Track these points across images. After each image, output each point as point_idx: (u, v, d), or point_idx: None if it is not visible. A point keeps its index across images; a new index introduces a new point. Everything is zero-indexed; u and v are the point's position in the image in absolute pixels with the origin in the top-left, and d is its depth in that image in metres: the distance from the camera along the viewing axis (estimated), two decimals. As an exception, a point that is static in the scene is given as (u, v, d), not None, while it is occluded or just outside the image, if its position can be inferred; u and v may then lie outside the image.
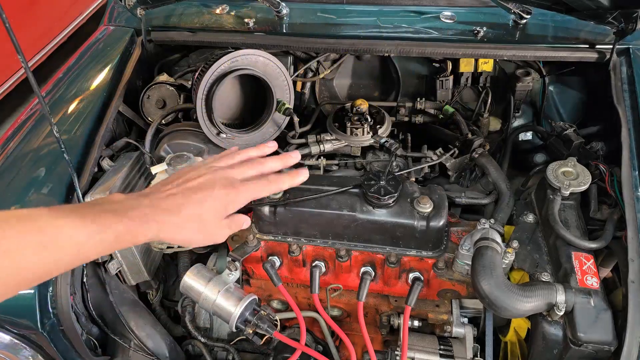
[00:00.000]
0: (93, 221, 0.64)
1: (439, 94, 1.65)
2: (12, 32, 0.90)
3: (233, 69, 1.31)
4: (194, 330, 1.31)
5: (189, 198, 0.75)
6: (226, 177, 0.80)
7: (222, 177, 0.79)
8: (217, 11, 1.70)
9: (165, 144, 1.42)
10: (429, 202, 1.15)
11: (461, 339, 1.18)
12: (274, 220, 1.21)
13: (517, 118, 1.70)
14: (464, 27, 1.55)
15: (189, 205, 0.74)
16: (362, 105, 1.48)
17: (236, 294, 1.10)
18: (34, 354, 1.11)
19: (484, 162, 1.37)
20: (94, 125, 1.35)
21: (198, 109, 1.31)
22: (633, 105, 1.27)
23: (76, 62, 1.61)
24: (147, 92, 1.57)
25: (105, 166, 1.32)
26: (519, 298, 0.99)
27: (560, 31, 1.51)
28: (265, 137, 1.47)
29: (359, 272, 1.21)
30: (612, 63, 1.40)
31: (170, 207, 0.73)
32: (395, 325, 1.26)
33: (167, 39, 1.64)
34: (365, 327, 1.11)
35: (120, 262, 1.25)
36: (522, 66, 1.64)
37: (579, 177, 1.18)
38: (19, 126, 1.38)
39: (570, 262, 1.08)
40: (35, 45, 3.90)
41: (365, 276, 1.18)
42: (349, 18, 1.62)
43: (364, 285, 1.16)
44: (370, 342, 1.09)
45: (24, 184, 1.20)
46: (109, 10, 1.82)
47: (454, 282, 1.19)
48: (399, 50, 1.48)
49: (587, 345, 0.97)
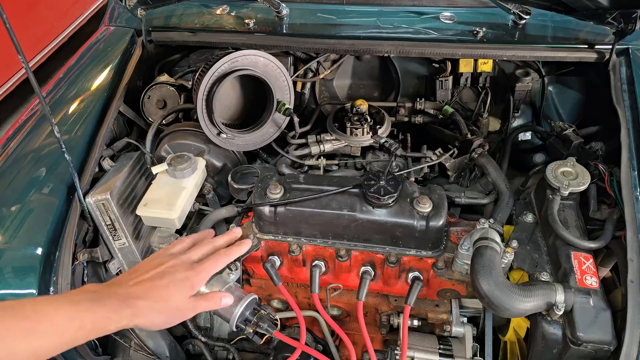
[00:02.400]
0: (72, 309, 0.74)
1: (438, 94, 1.65)
2: (12, 32, 0.91)
3: (233, 70, 1.31)
4: (194, 329, 1.32)
5: (156, 284, 0.86)
6: (184, 261, 0.92)
7: (182, 262, 0.92)
8: (217, 12, 1.70)
9: (165, 144, 1.42)
10: (428, 202, 1.15)
11: (461, 338, 1.18)
12: (274, 220, 1.21)
13: (517, 118, 1.71)
14: (464, 28, 1.55)
15: (157, 291, 0.85)
16: (362, 106, 1.48)
17: (236, 293, 1.10)
18: (34, 354, 1.12)
19: (483, 162, 1.37)
20: (95, 126, 1.35)
21: (198, 109, 1.31)
22: (632, 105, 1.28)
23: (77, 63, 1.61)
24: (147, 92, 1.57)
25: (106, 166, 1.32)
26: (518, 298, 0.99)
27: (560, 31, 1.51)
28: (266, 137, 1.48)
29: (358, 271, 1.21)
30: (612, 63, 1.40)
31: (141, 294, 0.83)
32: (395, 325, 1.26)
33: (168, 40, 1.64)
34: (365, 326, 1.11)
35: (120, 262, 1.25)
36: (522, 66, 1.64)
37: (579, 177, 1.18)
38: (20, 126, 1.38)
39: (570, 262, 1.08)
40: (36, 46, 3.90)
41: (365, 276, 1.18)
42: (348, 18, 1.62)
43: (364, 285, 1.17)
44: (370, 342, 1.10)
45: (24, 184, 1.20)
46: (110, 10, 1.82)
47: (454, 282, 1.19)
48: (398, 51, 1.48)
49: (587, 344, 0.98)
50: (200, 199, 1.39)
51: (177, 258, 0.93)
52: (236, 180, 1.38)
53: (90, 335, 0.76)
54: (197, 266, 0.92)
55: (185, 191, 1.25)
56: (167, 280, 0.87)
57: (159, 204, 1.21)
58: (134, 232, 1.25)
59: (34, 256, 1.08)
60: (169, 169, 1.27)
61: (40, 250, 1.08)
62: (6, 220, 1.14)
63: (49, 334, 0.70)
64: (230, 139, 1.40)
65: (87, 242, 1.21)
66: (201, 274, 0.92)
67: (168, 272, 0.89)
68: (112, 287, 0.83)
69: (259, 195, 1.22)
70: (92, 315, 0.75)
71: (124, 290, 0.82)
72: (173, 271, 0.89)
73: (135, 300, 0.81)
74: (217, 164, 1.44)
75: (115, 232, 1.20)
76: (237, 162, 1.50)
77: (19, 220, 1.13)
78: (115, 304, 0.78)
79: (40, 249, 1.09)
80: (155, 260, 0.92)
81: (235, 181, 1.37)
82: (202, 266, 0.93)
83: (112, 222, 1.19)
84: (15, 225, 1.13)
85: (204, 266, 0.93)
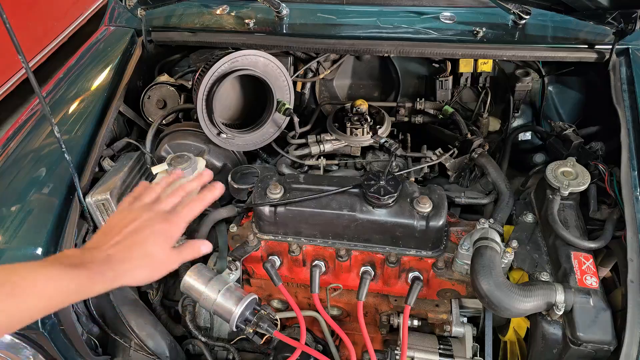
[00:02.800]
0: (54, 273, 0.73)
1: (438, 94, 1.65)
2: (12, 32, 0.91)
3: (233, 70, 1.31)
4: (194, 329, 1.31)
5: (135, 241, 0.83)
6: (158, 212, 0.88)
7: (156, 214, 0.88)
8: (217, 12, 1.70)
9: (165, 144, 1.42)
10: (428, 202, 1.15)
11: (461, 338, 1.18)
12: (274, 220, 1.21)
13: (517, 118, 1.71)
14: (464, 28, 1.55)
15: (137, 249, 0.82)
16: (362, 106, 1.48)
17: (236, 293, 1.10)
18: (34, 354, 1.11)
19: (483, 162, 1.37)
20: (95, 126, 1.35)
21: (198, 109, 1.31)
22: (632, 105, 1.28)
23: (77, 63, 1.61)
24: (147, 92, 1.57)
25: (106, 166, 1.32)
26: (518, 298, 0.99)
27: (560, 31, 1.51)
28: (265, 137, 1.48)
29: (358, 271, 1.21)
30: (612, 63, 1.40)
31: (122, 256, 0.81)
32: (395, 325, 1.26)
33: (168, 40, 1.64)
34: (365, 326, 1.11)
35: (120, 262, 1.25)
36: (522, 66, 1.64)
37: (579, 177, 1.18)
38: (20, 126, 1.38)
39: (570, 262, 1.08)
40: (36, 46, 3.90)
41: (365, 276, 1.18)
42: (348, 18, 1.62)
43: (364, 285, 1.17)
44: (370, 342, 1.10)
45: (24, 184, 1.20)
46: (110, 10, 1.82)
47: (454, 282, 1.19)
48: (398, 51, 1.48)
49: (587, 344, 0.98)
50: (200, 199, 1.39)
51: (151, 210, 0.88)
52: (236, 180, 1.38)
53: (72, 297, 0.75)
54: (172, 217, 0.89)
55: (185, 191, 1.24)
56: (145, 235, 0.84)
57: (159, 204, 1.21)
58: (134, 232, 1.25)
59: (34, 256, 1.08)
60: (169, 169, 1.27)
61: (40, 250, 1.08)
62: (6, 220, 1.14)
63: (31, 296, 0.70)
64: (230, 139, 1.40)
65: (86, 241, 1.20)
66: (178, 225, 0.88)
67: (144, 226, 0.85)
68: (91, 251, 0.81)
69: (259, 195, 1.22)
70: (76, 278, 0.74)
71: (104, 254, 0.80)
72: (149, 224, 0.85)
73: (117, 263, 0.79)
74: (217, 164, 1.44)
75: (115, 232, 1.20)
76: (237, 162, 1.50)
77: (19, 220, 1.13)
78: (97, 267, 0.77)
79: (40, 249, 1.09)
80: (129, 216, 0.87)
81: (235, 181, 1.37)
82: (178, 216, 0.89)
83: (112, 222, 1.19)
84: (15, 225, 1.13)
85: (180, 215, 0.89)
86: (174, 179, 1.01)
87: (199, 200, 0.94)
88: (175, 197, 0.93)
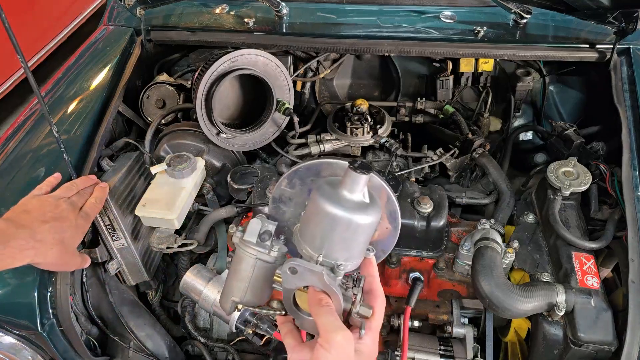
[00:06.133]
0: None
1: (439, 94, 1.64)
2: (11, 32, 0.90)
3: (233, 69, 1.31)
4: (193, 330, 1.31)
5: (53, 226, 0.97)
6: (71, 202, 1.04)
7: (69, 205, 1.03)
8: (216, 11, 1.69)
9: (165, 144, 1.42)
10: (429, 202, 1.14)
11: (461, 339, 1.18)
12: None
13: (518, 118, 1.70)
14: (464, 27, 1.54)
15: (54, 233, 0.97)
16: (362, 105, 1.48)
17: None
18: (33, 355, 1.11)
19: (484, 162, 1.37)
20: (94, 125, 1.35)
21: (198, 108, 1.31)
22: (633, 105, 1.27)
23: (76, 62, 1.60)
24: (146, 91, 1.56)
25: (104, 166, 1.32)
26: (519, 298, 0.99)
27: (561, 31, 1.51)
28: (265, 137, 1.47)
29: (359, 272, 1.21)
30: (613, 63, 1.40)
31: (42, 237, 0.95)
32: (396, 326, 1.26)
33: (167, 39, 1.64)
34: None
35: (119, 262, 1.24)
36: (523, 66, 1.64)
37: (580, 177, 1.18)
38: (19, 126, 1.38)
39: (571, 262, 1.08)
40: (34, 45, 3.89)
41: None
42: (349, 18, 1.62)
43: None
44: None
45: (23, 184, 1.20)
46: (109, 10, 1.81)
47: (454, 283, 1.19)
48: (399, 50, 1.48)
49: (588, 345, 0.97)
50: (200, 199, 1.39)
51: (64, 202, 1.03)
52: (236, 180, 1.37)
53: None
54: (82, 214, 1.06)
55: (185, 191, 1.24)
56: (62, 223, 0.99)
57: (158, 204, 1.20)
58: (133, 232, 1.25)
59: (33, 257, 1.07)
60: (168, 169, 1.26)
61: (38, 251, 1.08)
62: (5, 220, 1.13)
63: None
64: (230, 139, 1.39)
65: (86, 243, 1.20)
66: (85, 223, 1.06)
67: (62, 215, 1.00)
68: (17, 229, 0.92)
69: (258, 195, 1.22)
70: None
71: (31, 231, 0.93)
72: (67, 215, 1.01)
73: (37, 244, 0.93)
74: (217, 164, 1.43)
75: (114, 233, 1.20)
76: (237, 162, 1.49)
77: (17, 221, 1.13)
78: (20, 246, 0.90)
79: (38, 250, 1.08)
80: (46, 206, 1.00)
81: (235, 181, 1.37)
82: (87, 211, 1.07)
83: (111, 223, 1.19)
84: (13, 226, 1.12)
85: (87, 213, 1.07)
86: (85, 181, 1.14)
87: (98, 197, 1.11)
88: (76, 194, 1.08)
